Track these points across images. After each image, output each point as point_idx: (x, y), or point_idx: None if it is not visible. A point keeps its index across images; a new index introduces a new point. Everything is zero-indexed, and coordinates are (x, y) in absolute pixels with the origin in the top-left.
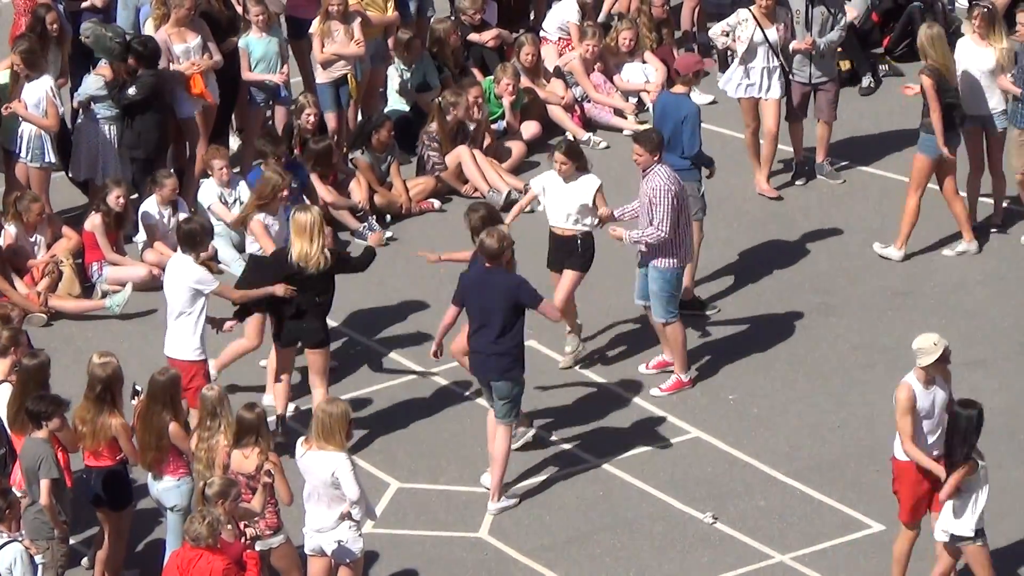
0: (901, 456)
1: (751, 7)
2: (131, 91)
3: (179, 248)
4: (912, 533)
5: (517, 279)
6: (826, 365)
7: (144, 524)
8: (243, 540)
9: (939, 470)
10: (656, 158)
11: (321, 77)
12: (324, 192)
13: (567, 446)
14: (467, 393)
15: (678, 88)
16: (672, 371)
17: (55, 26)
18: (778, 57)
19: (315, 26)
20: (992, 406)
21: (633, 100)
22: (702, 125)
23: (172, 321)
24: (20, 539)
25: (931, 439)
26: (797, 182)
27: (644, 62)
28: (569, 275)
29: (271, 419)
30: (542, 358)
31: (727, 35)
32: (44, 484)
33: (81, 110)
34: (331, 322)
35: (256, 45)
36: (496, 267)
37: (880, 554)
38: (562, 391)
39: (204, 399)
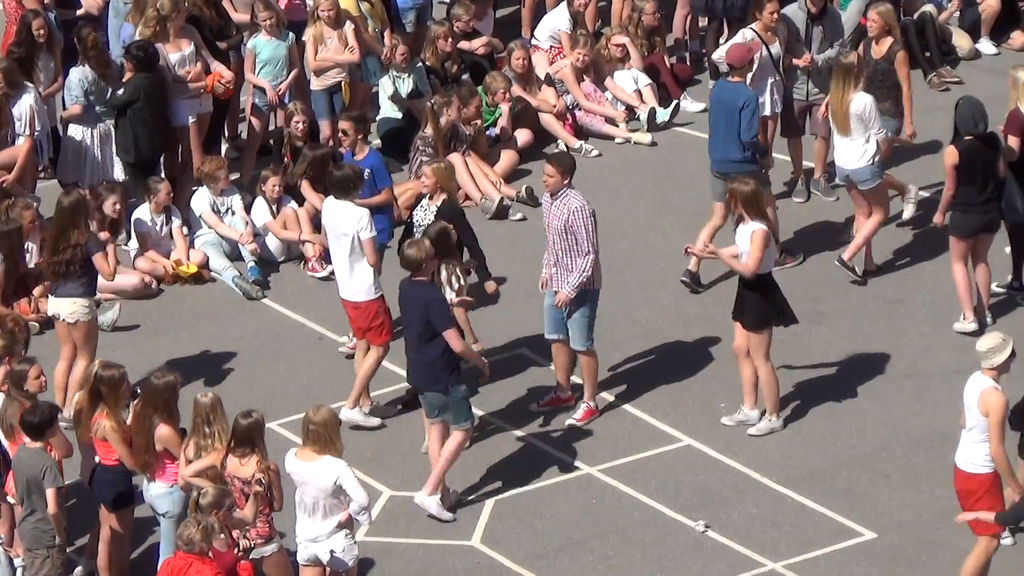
0: (977, 469)
1: (753, 25)
2: (119, 92)
3: (333, 195)
4: (995, 544)
5: (434, 295)
6: (819, 373)
7: (139, 530)
8: (236, 551)
9: (1017, 485)
10: (567, 181)
11: (315, 84)
12: (316, 200)
13: (559, 454)
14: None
15: (734, 78)
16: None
17: (41, 32)
18: (778, 72)
19: (307, 32)
20: None
21: (622, 108)
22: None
23: (341, 266)
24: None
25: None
26: (796, 199)
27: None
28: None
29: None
30: (537, 366)
31: None
32: (51, 493)
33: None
34: (322, 330)
35: (264, 47)
36: (419, 279)
37: (871, 562)
38: None
39: (198, 406)
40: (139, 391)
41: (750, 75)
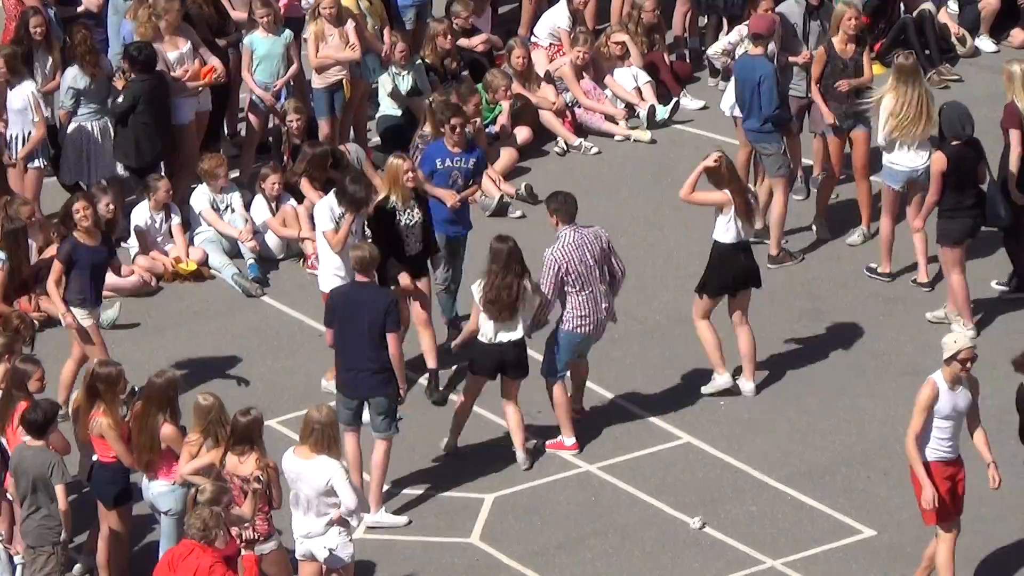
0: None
1: (748, 22)
2: (119, 100)
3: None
4: (952, 535)
5: (391, 297)
6: (817, 371)
7: (138, 528)
8: (239, 542)
9: (925, 481)
10: (554, 221)
11: (317, 82)
12: (315, 197)
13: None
14: (458, 398)
15: (755, 50)
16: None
17: (39, 30)
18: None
19: (308, 29)
20: (984, 412)
21: (621, 105)
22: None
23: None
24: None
25: (949, 443)
26: (796, 197)
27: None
28: None
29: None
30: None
31: (728, 54)
32: (60, 489)
33: (67, 114)
34: (321, 328)
35: (260, 44)
36: (368, 281)
37: (870, 560)
38: None
39: (200, 408)
40: (136, 390)
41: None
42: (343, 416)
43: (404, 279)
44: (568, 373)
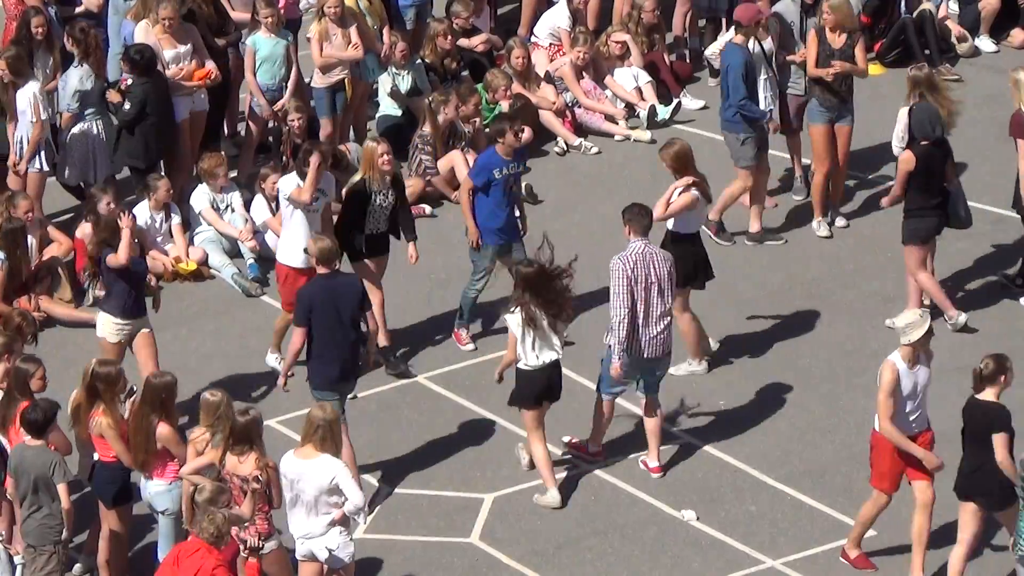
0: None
1: (735, 12)
2: (125, 107)
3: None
4: (885, 499)
5: (361, 282)
6: (817, 370)
7: (137, 528)
8: (243, 550)
9: (917, 450)
10: (626, 232)
11: (318, 82)
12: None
13: (557, 451)
14: (458, 398)
15: (736, 38)
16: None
17: (40, 30)
18: (771, 68)
19: (312, 29)
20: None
21: (622, 105)
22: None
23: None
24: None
25: (912, 417)
26: (796, 197)
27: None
28: None
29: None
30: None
31: None
32: (63, 488)
33: (72, 115)
34: None
35: (263, 44)
36: (333, 271)
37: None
38: None
39: (208, 404)
40: (134, 389)
41: (756, 38)
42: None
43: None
44: (614, 395)
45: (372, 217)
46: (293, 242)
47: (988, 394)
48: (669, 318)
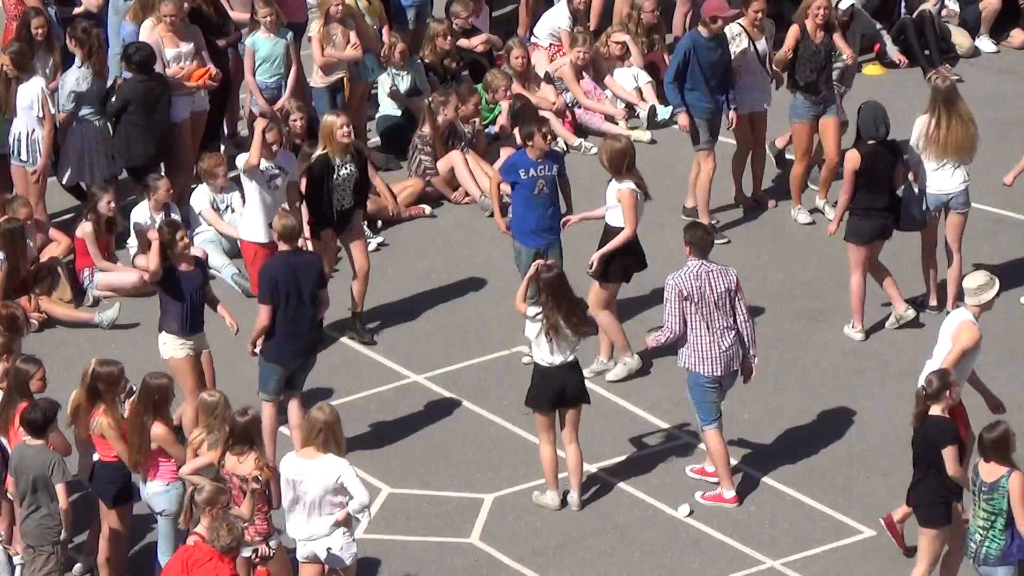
0: None
1: (740, 20)
2: (112, 100)
3: None
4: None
5: (320, 259)
6: (816, 371)
7: (137, 528)
8: (253, 557)
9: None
10: (686, 252)
11: (318, 82)
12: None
13: (558, 451)
14: (458, 398)
15: (701, 29)
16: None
17: (40, 31)
18: (765, 69)
19: (314, 30)
20: (983, 411)
21: (622, 106)
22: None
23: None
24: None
25: (966, 376)
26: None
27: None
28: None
29: None
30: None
31: None
32: (61, 488)
33: (68, 115)
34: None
35: (263, 45)
36: (295, 248)
37: (870, 560)
38: None
39: (205, 404)
40: (132, 389)
41: (750, 37)
42: (271, 387)
43: (326, 235)
44: (715, 423)
45: (338, 191)
46: (254, 218)
47: (935, 410)
48: (733, 332)
